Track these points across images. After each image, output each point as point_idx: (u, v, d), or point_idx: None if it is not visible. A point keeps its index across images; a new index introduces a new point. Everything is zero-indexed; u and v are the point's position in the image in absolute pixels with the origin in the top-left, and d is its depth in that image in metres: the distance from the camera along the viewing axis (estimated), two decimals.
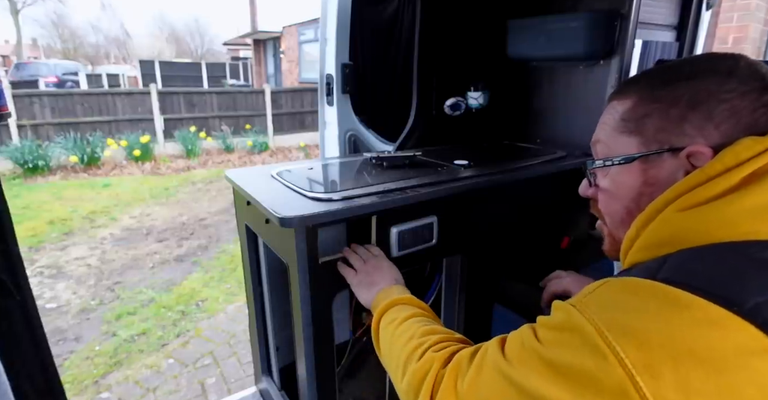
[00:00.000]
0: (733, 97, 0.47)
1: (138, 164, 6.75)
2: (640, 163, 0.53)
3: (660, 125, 0.51)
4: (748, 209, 0.43)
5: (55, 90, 9.26)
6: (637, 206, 0.53)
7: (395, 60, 1.75)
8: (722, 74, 0.49)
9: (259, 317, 1.34)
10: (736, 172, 0.44)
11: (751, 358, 0.34)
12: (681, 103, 0.49)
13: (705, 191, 0.45)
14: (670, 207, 0.47)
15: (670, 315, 0.37)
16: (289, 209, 0.88)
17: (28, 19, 27.85)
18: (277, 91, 8.70)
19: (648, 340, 0.36)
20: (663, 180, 0.51)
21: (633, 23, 1.35)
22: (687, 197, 0.46)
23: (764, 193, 0.43)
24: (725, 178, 0.44)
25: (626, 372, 0.35)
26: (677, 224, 0.46)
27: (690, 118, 0.49)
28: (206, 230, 4.22)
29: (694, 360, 0.34)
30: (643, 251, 0.49)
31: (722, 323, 0.35)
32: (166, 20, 49.42)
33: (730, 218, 0.43)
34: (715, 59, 0.51)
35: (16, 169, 6.13)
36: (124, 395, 2.05)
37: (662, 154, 0.51)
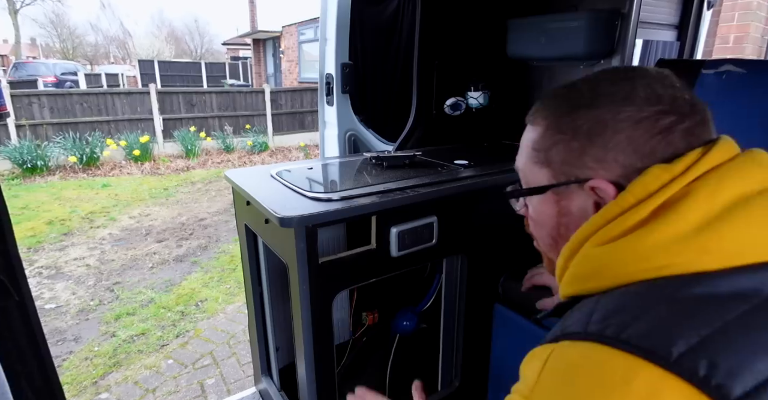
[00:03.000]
0: (627, 126, 0.46)
1: (137, 164, 6.74)
2: (552, 194, 0.53)
3: (564, 158, 0.50)
4: (659, 242, 0.41)
5: (54, 90, 9.24)
6: (559, 234, 0.54)
7: (395, 60, 1.74)
8: (618, 100, 0.47)
9: (258, 318, 1.34)
10: (647, 204, 0.43)
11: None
12: (581, 134, 0.48)
13: (618, 225, 0.44)
14: (589, 242, 0.47)
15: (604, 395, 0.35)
16: (289, 208, 0.88)
17: (27, 18, 27.87)
18: (277, 90, 8.69)
19: None
20: (575, 211, 0.51)
21: (633, 23, 1.34)
22: (603, 232, 0.46)
23: (673, 224, 0.41)
24: (637, 211, 0.43)
25: None
26: (596, 259, 0.46)
27: (589, 151, 0.48)
28: (206, 230, 4.21)
29: None
30: (573, 285, 0.49)
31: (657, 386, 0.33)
32: (166, 20, 49.46)
33: (643, 252, 0.42)
34: (617, 81, 0.49)
35: (15, 169, 6.12)
36: (123, 395, 2.05)
37: (570, 185, 0.50)
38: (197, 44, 34.44)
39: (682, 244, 0.40)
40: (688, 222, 0.41)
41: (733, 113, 1.10)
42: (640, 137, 0.45)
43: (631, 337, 0.36)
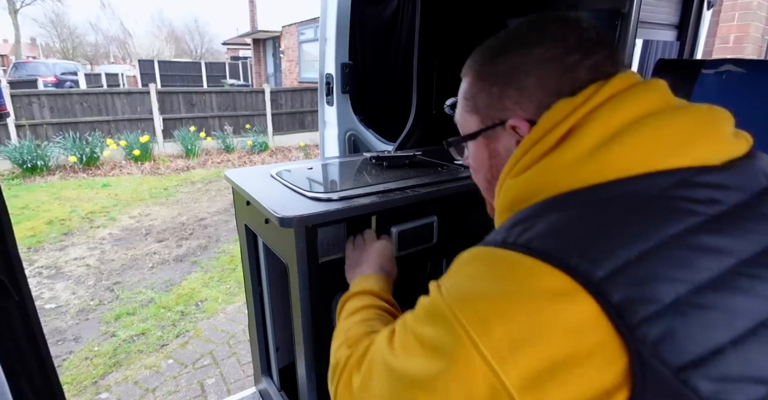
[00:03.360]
0: (536, 67, 0.51)
1: (137, 164, 6.74)
2: (483, 139, 0.58)
3: (487, 102, 0.55)
4: (562, 164, 0.46)
5: (54, 90, 9.24)
6: (492, 176, 0.59)
7: (395, 60, 1.74)
8: (530, 45, 0.52)
9: (258, 317, 1.34)
10: (553, 133, 0.48)
11: (559, 302, 0.37)
12: (499, 79, 0.53)
13: (530, 155, 0.49)
14: (510, 174, 0.52)
15: (495, 277, 0.42)
16: (289, 208, 0.88)
17: (27, 18, 27.87)
18: (277, 90, 8.69)
19: (478, 302, 0.41)
20: (502, 151, 0.56)
21: (634, 22, 1.34)
22: (520, 163, 0.51)
23: (573, 148, 0.46)
24: (545, 141, 0.48)
25: (466, 334, 0.40)
26: (513, 189, 0.51)
27: (506, 93, 0.53)
28: (206, 230, 4.21)
29: (514, 312, 0.38)
30: (500, 217, 0.54)
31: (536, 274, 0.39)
32: (166, 19, 49.45)
33: (549, 175, 0.47)
34: (532, 26, 0.54)
35: (15, 169, 6.12)
36: (123, 395, 2.05)
37: (495, 128, 0.55)
38: (197, 44, 34.46)
39: (581, 163, 0.45)
40: (586, 144, 0.46)
41: (733, 113, 1.10)
42: (549, 77, 0.50)
43: (523, 240, 0.42)
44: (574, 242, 0.40)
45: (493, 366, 0.38)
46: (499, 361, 0.38)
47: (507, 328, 0.38)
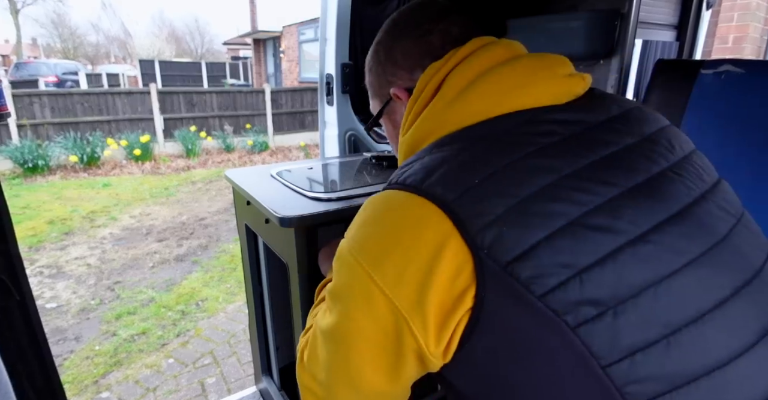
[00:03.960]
0: (399, 41, 0.62)
1: (138, 164, 6.75)
2: (385, 116, 0.69)
3: (378, 83, 0.66)
4: (432, 115, 0.55)
5: (55, 90, 9.24)
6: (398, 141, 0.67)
7: None
8: (392, 29, 0.64)
9: (259, 317, 1.34)
10: (426, 90, 0.56)
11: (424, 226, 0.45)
12: (379, 63, 0.65)
13: (414, 113, 0.58)
14: (401, 133, 0.61)
15: (372, 214, 0.50)
16: (289, 208, 0.88)
17: (28, 18, 27.82)
18: (277, 90, 8.69)
19: (366, 241, 0.48)
20: (399, 118, 0.66)
21: (633, 23, 1.34)
22: (408, 121, 0.59)
23: (439, 100, 0.54)
24: (422, 97, 0.57)
25: (365, 272, 0.46)
26: (405, 143, 0.59)
27: (387, 70, 0.64)
28: (206, 229, 4.22)
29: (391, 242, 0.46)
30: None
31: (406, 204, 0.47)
32: (166, 20, 49.46)
33: (425, 126, 0.55)
34: (396, 13, 0.65)
35: (16, 168, 6.13)
36: (124, 394, 2.05)
37: (389, 102, 0.66)
38: (198, 44, 34.45)
39: (446, 111, 0.54)
40: (449, 95, 0.54)
41: (731, 113, 1.11)
42: (409, 46, 0.61)
43: (399, 179, 0.51)
44: (437, 173, 0.47)
45: (388, 295, 0.45)
46: (392, 289, 0.45)
47: (391, 261, 0.45)
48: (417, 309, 0.44)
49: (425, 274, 0.43)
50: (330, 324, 0.51)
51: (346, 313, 0.49)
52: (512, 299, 0.42)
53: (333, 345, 0.51)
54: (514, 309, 0.42)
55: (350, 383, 0.51)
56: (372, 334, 0.47)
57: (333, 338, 0.51)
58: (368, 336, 0.48)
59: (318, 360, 0.54)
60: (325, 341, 0.52)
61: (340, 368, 0.51)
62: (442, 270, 0.43)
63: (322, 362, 0.53)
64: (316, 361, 0.54)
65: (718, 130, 1.12)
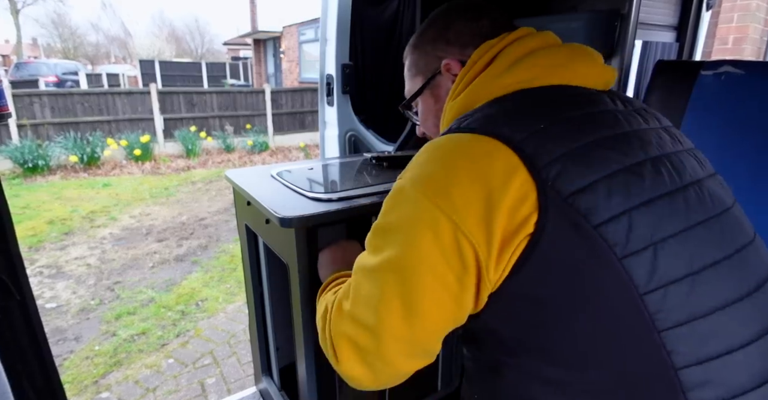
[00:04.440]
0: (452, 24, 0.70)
1: (138, 164, 6.75)
2: (428, 91, 0.75)
3: (425, 61, 0.73)
4: (487, 80, 0.62)
5: (55, 90, 9.24)
6: (439, 117, 0.73)
7: (395, 60, 1.75)
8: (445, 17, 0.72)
9: (259, 317, 1.34)
10: (480, 62, 0.64)
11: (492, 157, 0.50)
12: (429, 42, 0.72)
13: (466, 80, 0.65)
14: (451, 98, 0.67)
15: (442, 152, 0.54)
16: (289, 209, 0.88)
17: (29, 18, 27.81)
18: (277, 90, 8.69)
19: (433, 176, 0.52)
20: (443, 93, 0.72)
21: (633, 24, 1.35)
22: (459, 87, 0.66)
23: (494, 69, 0.62)
24: (475, 67, 0.64)
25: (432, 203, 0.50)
26: (456, 105, 0.65)
27: (438, 47, 0.71)
28: (206, 229, 4.22)
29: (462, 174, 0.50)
30: None
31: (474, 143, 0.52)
32: (166, 20, 49.46)
33: (479, 90, 0.62)
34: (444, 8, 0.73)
35: (16, 168, 6.13)
36: (123, 395, 2.05)
37: (435, 77, 0.73)
38: (198, 44, 34.45)
39: (499, 78, 0.61)
40: (502, 66, 0.62)
41: (731, 114, 1.11)
42: (463, 30, 0.70)
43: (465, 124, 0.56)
44: (501, 120, 0.54)
45: (455, 220, 0.49)
46: (459, 214, 0.49)
47: (459, 189, 0.49)
48: (483, 231, 0.48)
49: (492, 200, 0.48)
50: (386, 258, 0.53)
51: (408, 243, 0.51)
52: (570, 226, 0.48)
53: (391, 277, 0.52)
54: (570, 235, 0.48)
55: (406, 319, 0.51)
56: (436, 260, 0.50)
57: (391, 270, 0.52)
58: (432, 263, 0.50)
59: (365, 301, 0.54)
60: (379, 277, 0.53)
61: (397, 302, 0.51)
62: (508, 196, 0.48)
63: (373, 302, 0.53)
64: (362, 303, 0.54)
65: (718, 131, 1.12)
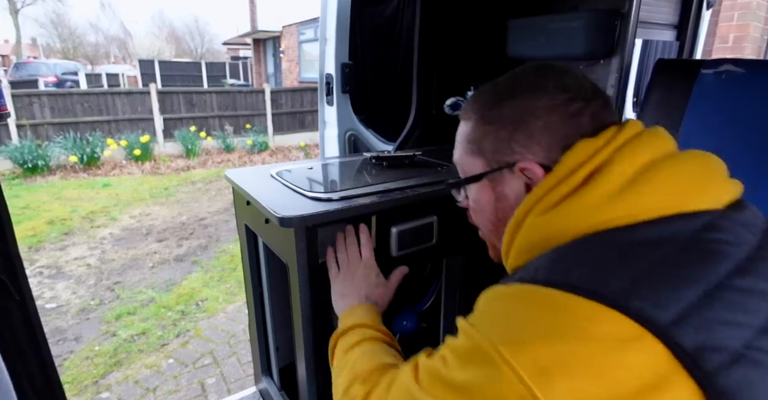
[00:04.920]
0: (544, 113, 0.53)
1: (138, 164, 6.75)
2: (488, 181, 0.58)
3: (494, 146, 0.56)
4: (592, 203, 0.47)
5: (55, 90, 9.24)
6: (497, 218, 0.59)
7: (395, 60, 1.74)
8: (536, 91, 0.54)
9: (259, 317, 1.34)
10: (578, 172, 0.49)
11: (625, 348, 0.36)
12: (507, 124, 0.55)
13: (556, 193, 0.50)
14: (532, 213, 0.51)
15: (551, 320, 0.39)
16: (289, 208, 0.88)
17: (28, 18, 27.84)
18: (277, 90, 8.69)
19: (535, 349, 0.38)
20: (509, 194, 0.57)
21: (633, 22, 1.34)
22: (544, 202, 0.51)
23: (602, 187, 0.47)
24: (571, 179, 0.49)
25: (523, 384, 0.37)
26: (540, 227, 0.50)
27: (515, 137, 0.54)
28: (206, 229, 4.22)
29: (578, 362, 0.37)
30: (520, 256, 0.53)
31: (596, 318, 0.38)
32: (166, 19, 49.42)
33: (579, 213, 0.48)
34: (534, 74, 0.56)
35: (16, 169, 6.12)
36: (123, 395, 2.05)
37: (502, 171, 0.56)
38: (197, 44, 34.44)
39: (611, 202, 0.46)
40: (615, 183, 0.47)
41: (732, 113, 1.10)
42: (555, 122, 0.53)
43: (573, 279, 0.41)
44: (628, 283, 0.39)
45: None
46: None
47: (573, 382, 0.36)
48: None
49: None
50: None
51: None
52: None
53: None
54: None
55: None
56: None
57: None
58: None
59: None
60: None
61: None
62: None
63: None
64: None
65: (718, 130, 1.12)
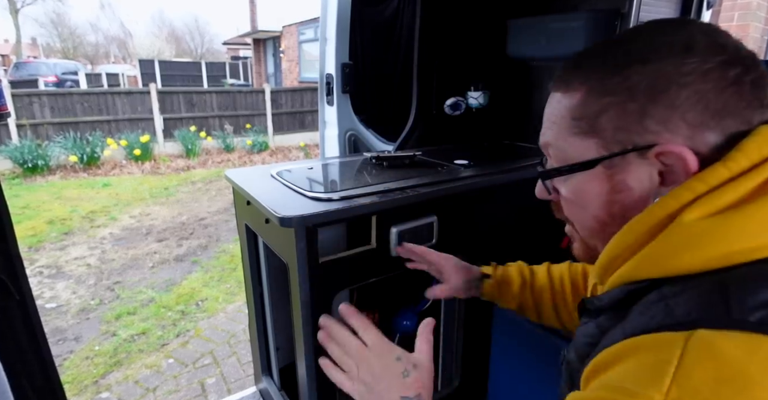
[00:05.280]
0: (694, 79, 0.40)
1: (138, 164, 6.75)
2: (603, 169, 0.45)
3: (619, 123, 0.43)
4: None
5: (55, 89, 9.24)
6: (609, 214, 0.47)
7: (395, 60, 1.74)
8: (678, 51, 0.41)
9: (259, 317, 1.34)
10: (764, 168, 0.38)
11: None
12: (639, 94, 0.42)
13: (731, 192, 0.38)
14: (688, 211, 0.39)
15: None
16: (289, 208, 0.88)
17: (28, 18, 27.82)
18: (277, 90, 8.69)
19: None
20: (634, 185, 0.44)
21: (633, 23, 1.34)
22: (709, 199, 0.38)
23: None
24: (753, 176, 0.38)
25: None
26: (701, 232, 0.38)
27: (651, 112, 0.41)
28: (206, 229, 4.21)
29: None
30: (652, 265, 0.41)
31: None
32: (166, 19, 49.38)
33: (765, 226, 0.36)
34: (668, 31, 0.44)
35: (16, 168, 6.12)
36: (123, 395, 2.05)
37: (626, 155, 0.44)
38: (197, 44, 34.44)
39: None
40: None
41: None
42: (709, 91, 0.40)
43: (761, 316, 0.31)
44: None
45: None
46: None
47: None
48: None
49: None
50: None
51: None
52: None
53: None
54: None
55: None
56: None
57: None
58: None
59: None
60: None
61: None
62: None
63: None
64: None
65: None
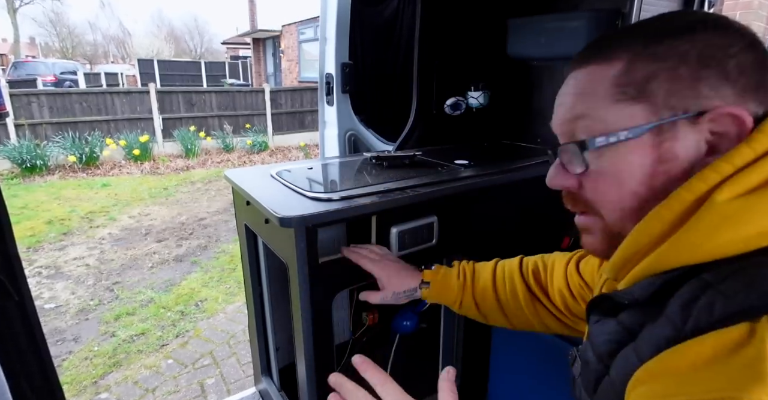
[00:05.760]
0: (738, 51, 0.40)
1: (137, 164, 6.74)
2: (651, 136, 0.42)
3: (670, 88, 0.41)
4: None
5: (53, 89, 9.22)
6: (649, 188, 0.43)
7: (395, 59, 1.74)
8: (720, 27, 0.42)
9: (258, 318, 1.34)
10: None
11: None
12: (690, 60, 0.41)
13: (759, 172, 0.37)
14: (719, 194, 0.37)
15: None
16: (289, 208, 0.88)
17: (26, 17, 27.86)
18: (277, 90, 8.69)
19: None
20: (682, 153, 0.42)
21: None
22: (739, 179, 0.37)
23: None
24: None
25: None
26: (740, 213, 0.36)
27: (704, 76, 0.40)
28: (205, 229, 4.21)
29: None
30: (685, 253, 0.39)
31: None
32: (165, 19, 49.35)
33: None
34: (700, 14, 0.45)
35: (14, 168, 6.11)
36: (123, 395, 2.05)
37: (677, 122, 0.41)
38: (197, 43, 34.44)
39: None
40: None
41: None
42: (750, 65, 0.40)
43: None
44: None
45: None
46: None
47: None
48: None
49: None
50: None
51: None
52: None
53: None
54: None
55: None
56: None
57: None
58: None
59: None
60: None
61: None
62: None
63: None
64: None
65: None
